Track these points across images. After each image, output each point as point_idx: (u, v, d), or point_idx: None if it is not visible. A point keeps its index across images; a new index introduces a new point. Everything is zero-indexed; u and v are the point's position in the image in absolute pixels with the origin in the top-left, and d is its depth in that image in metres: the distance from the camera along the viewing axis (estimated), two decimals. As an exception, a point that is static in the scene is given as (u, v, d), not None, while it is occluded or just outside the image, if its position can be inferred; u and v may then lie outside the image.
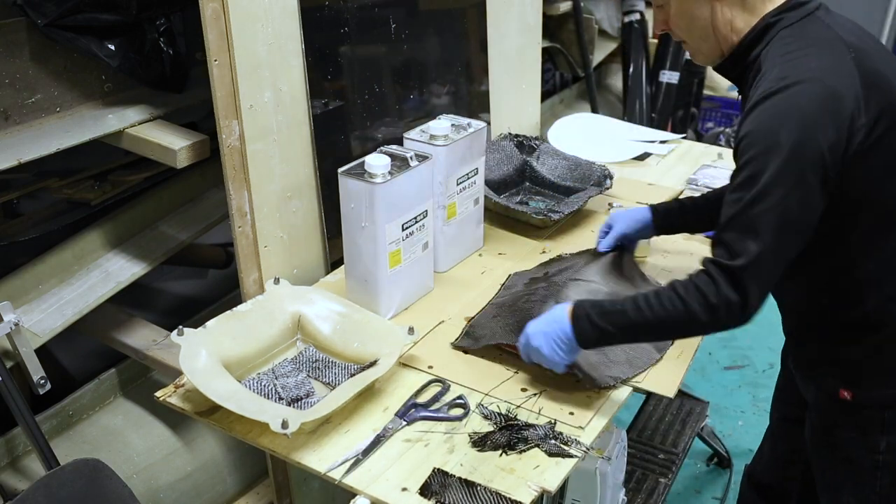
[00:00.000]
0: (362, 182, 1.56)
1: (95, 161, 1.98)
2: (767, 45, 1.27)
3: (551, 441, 1.34)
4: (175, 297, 2.43)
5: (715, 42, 1.34)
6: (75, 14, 1.62)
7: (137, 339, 1.92)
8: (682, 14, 1.34)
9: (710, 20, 1.31)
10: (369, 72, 1.94)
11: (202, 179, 2.09)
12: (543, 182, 2.24)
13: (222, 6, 1.52)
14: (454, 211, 1.84)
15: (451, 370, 1.52)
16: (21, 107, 1.68)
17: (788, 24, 1.26)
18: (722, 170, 2.32)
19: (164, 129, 1.77)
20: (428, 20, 2.09)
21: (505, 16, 2.34)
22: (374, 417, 1.41)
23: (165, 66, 1.81)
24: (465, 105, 2.27)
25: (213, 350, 1.45)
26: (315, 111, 1.77)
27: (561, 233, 2.04)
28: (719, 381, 2.98)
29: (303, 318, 1.59)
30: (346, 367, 1.53)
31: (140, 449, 1.92)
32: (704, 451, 2.61)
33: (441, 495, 1.24)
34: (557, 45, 3.51)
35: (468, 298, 1.76)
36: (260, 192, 1.68)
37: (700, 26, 1.33)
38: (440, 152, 1.75)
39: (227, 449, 2.04)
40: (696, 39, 1.36)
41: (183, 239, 1.98)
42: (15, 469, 1.78)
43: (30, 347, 1.66)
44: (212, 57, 1.54)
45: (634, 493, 2.14)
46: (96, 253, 1.92)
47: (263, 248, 1.72)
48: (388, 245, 1.61)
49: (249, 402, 1.34)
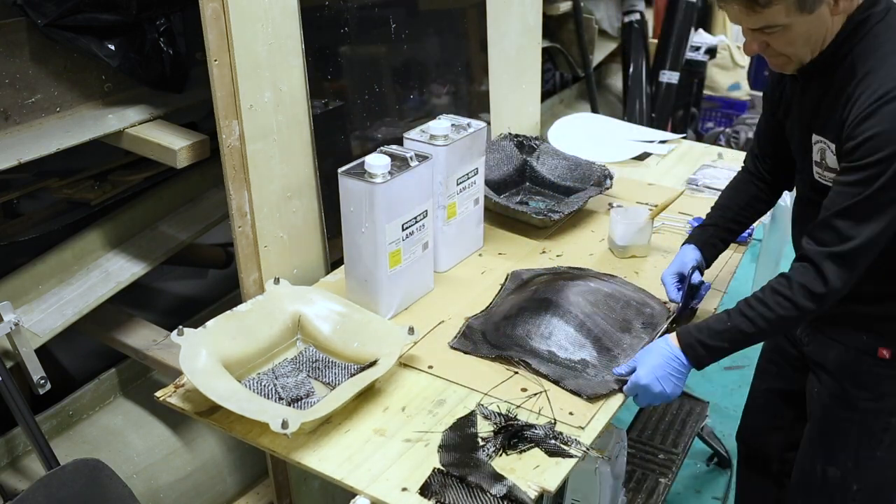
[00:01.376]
0: (362, 182, 1.56)
1: (95, 161, 1.98)
2: (861, 42, 1.29)
3: (551, 441, 1.34)
4: (175, 297, 2.43)
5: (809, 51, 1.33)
6: (75, 14, 1.62)
7: (137, 339, 1.92)
8: (800, 35, 1.30)
9: (825, 32, 1.31)
10: (369, 72, 1.94)
11: (202, 179, 2.09)
12: (543, 182, 2.24)
13: (222, 6, 1.52)
14: (454, 211, 1.84)
15: (451, 370, 1.52)
16: (21, 107, 1.68)
17: (878, 19, 1.29)
18: (721, 170, 2.32)
19: (164, 129, 1.77)
20: (428, 20, 2.09)
21: (505, 16, 2.34)
22: (374, 417, 1.41)
23: (165, 66, 1.81)
24: (465, 105, 2.27)
25: (213, 350, 1.45)
26: (315, 111, 1.77)
27: (561, 233, 2.04)
28: (719, 381, 2.98)
29: (303, 318, 1.59)
30: (346, 367, 1.53)
31: (140, 449, 1.92)
32: (704, 451, 2.61)
33: (441, 495, 1.24)
34: (557, 45, 3.51)
35: (468, 298, 1.76)
36: (260, 192, 1.68)
37: (814, 40, 1.31)
38: (440, 152, 1.75)
39: (227, 449, 2.04)
40: (801, 51, 1.33)
41: (183, 239, 1.98)
42: (15, 469, 1.78)
43: (30, 347, 1.66)
44: (212, 57, 1.54)
45: (634, 493, 2.14)
46: (96, 253, 1.92)
47: (263, 248, 1.72)
48: (388, 245, 1.61)
49: (249, 402, 1.34)
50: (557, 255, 1.94)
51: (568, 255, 1.94)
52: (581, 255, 1.94)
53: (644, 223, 1.89)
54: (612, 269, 1.84)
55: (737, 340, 1.39)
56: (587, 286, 1.66)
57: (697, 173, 2.32)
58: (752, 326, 1.36)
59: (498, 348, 1.55)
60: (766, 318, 1.35)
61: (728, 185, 1.71)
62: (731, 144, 4.20)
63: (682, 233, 2.00)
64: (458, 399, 1.46)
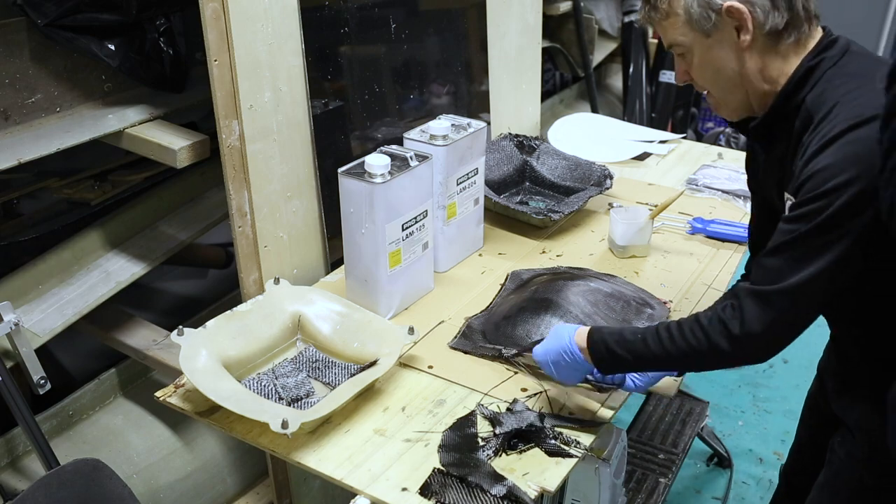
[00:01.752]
0: (362, 182, 1.56)
1: (95, 161, 1.99)
2: (813, 89, 1.20)
3: (551, 441, 1.34)
4: (175, 297, 2.43)
5: (744, 94, 1.26)
6: (75, 14, 1.62)
7: (137, 339, 1.92)
8: (707, 64, 1.25)
9: (739, 70, 1.23)
10: (369, 72, 1.94)
11: (202, 179, 2.09)
12: (543, 182, 2.24)
13: (222, 6, 1.52)
14: (454, 211, 1.84)
15: (452, 370, 1.52)
16: (21, 107, 1.68)
17: (831, 64, 1.20)
18: (721, 170, 2.32)
19: (164, 129, 1.77)
20: (428, 20, 2.09)
21: (505, 16, 2.34)
22: (374, 417, 1.41)
23: (165, 66, 1.81)
24: (465, 105, 2.27)
25: (213, 350, 1.45)
26: (315, 111, 1.77)
27: (561, 233, 2.04)
28: (719, 381, 2.98)
29: (303, 318, 1.59)
30: (346, 367, 1.53)
31: (140, 449, 1.92)
32: (704, 451, 2.61)
33: (441, 495, 1.24)
34: (557, 45, 3.51)
35: (468, 298, 1.76)
36: (260, 192, 1.68)
37: (727, 77, 1.24)
38: (440, 152, 1.75)
39: (227, 449, 2.04)
40: (723, 91, 1.27)
41: (183, 239, 1.98)
42: (15, 469, 1.78)
43: (30, 347, 1.66)
44: (212, 57, 1.54)
45: (634, 493, 2.14)
46: (96, 253, 1.92)
47: (263, 248, 1.72)
48: (388, 245, 1.61)
49: (249, 402, 1.34)
50: (557, 255, 1.94)
51: (568, 255, 1.94)
52: (581, 255, 1.94)
53: (644, 223, 1.89)
54: (612, 269, 1.84)
55: (641, 357, 1.27)
56: (587, 286, 1.66)
57: (697, 173, 2.32)
58: (660, 349, 1.24)
59: (501, 343, 1.55)
60: (676, 345, 1.23)
61: None
62: (731, 144, 4.19)
63: (682, 233, 2.01)
64: (458, 399, 1.46)
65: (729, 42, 1.21)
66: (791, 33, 1.20)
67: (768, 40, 1.21)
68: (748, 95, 1.26)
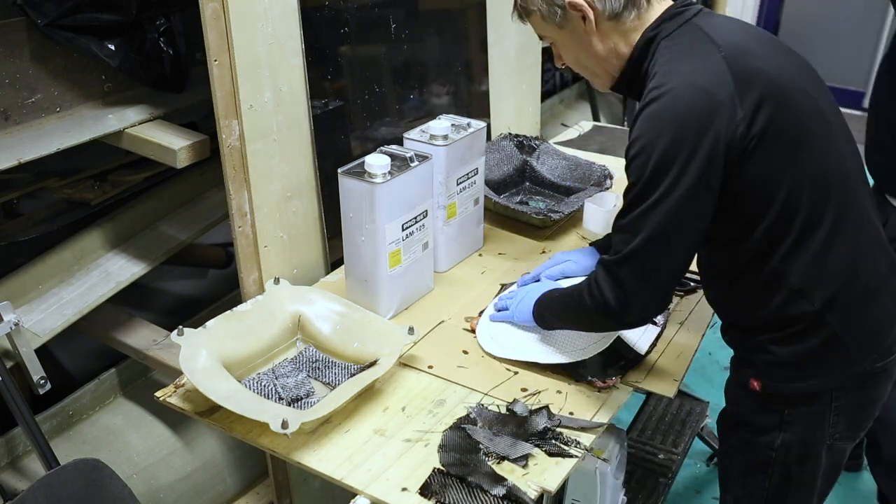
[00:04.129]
0: (362, 182, 1.56)
1: (95, 161, 1.99)
2: (653, 58, 1.29)
3: (551, 441, 1.34)
4: (175, 297, 2.43)
5: (604, 70, 1.38)
6: (75, 14, 1.62)
7: (137, 339, 1.92)
8: (569, 50, 1.39)
9: (592, 52, 1.35)
10: (369, 72, 1.94)
11: (202, 179, 2.09)
12: (543, 182, 2.24)
13: (222, 6, 1.52)
14: (454, 211, 1.84)
15: (452, 370, 1.52)
16: (21, 107, 1.68)
17: (667, 34, 1.29)
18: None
19: (164, 129, 1.77)
20: (428, 20, 2.09)
21: (505, 16, 2.33)
22: (374, 417, 1.41)
23: (165, 66, 1.81)
24: (464, 105, 2.27)
25: (213, 350, 1.45)
26: (315, 111, 1.77)
27: (561, 233, 2.04)
28: (719, 381, 2.97)
29: (303, 318, 1.59)
30: (346, 367, 1.53)
31: (140, 449, 1.92)
32: (704, 451, 2.61)
33: (441, 495, 1.24)
34: (557, 45, 3.51)
35: (468, 298, 1.76)
36: (260, 192, 1.68)
37: (586, 58, 1.37)
38: (440, 152, 1.75)
39: (227, 449, 2.04)
40: (587, 70, 1.40)
41: (183, 239, 1.99)
42: (15, 469, 1.78)
43: (30, 347, 1.66)
44: (212, 57, 1.54)
45: (634, 493, 2.14)
46: (96, 253, 1.92)
47: (263, 248, 1.72)
48: (388, 245, 1.61)
49: (249, 402, 1.34)
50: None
51: (568, 255, 1.94)
52: (581, 255, 1.94)
53: (614, 208, 1.89)
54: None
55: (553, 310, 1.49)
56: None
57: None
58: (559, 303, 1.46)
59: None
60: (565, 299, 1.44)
61: None
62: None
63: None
64: (458, 399, 1.46)
65: (579, 31, 1.33)
66: (631, 11, 1.31)
67: (611, 23, 1.32)
68: (608, 72, 1.38)
